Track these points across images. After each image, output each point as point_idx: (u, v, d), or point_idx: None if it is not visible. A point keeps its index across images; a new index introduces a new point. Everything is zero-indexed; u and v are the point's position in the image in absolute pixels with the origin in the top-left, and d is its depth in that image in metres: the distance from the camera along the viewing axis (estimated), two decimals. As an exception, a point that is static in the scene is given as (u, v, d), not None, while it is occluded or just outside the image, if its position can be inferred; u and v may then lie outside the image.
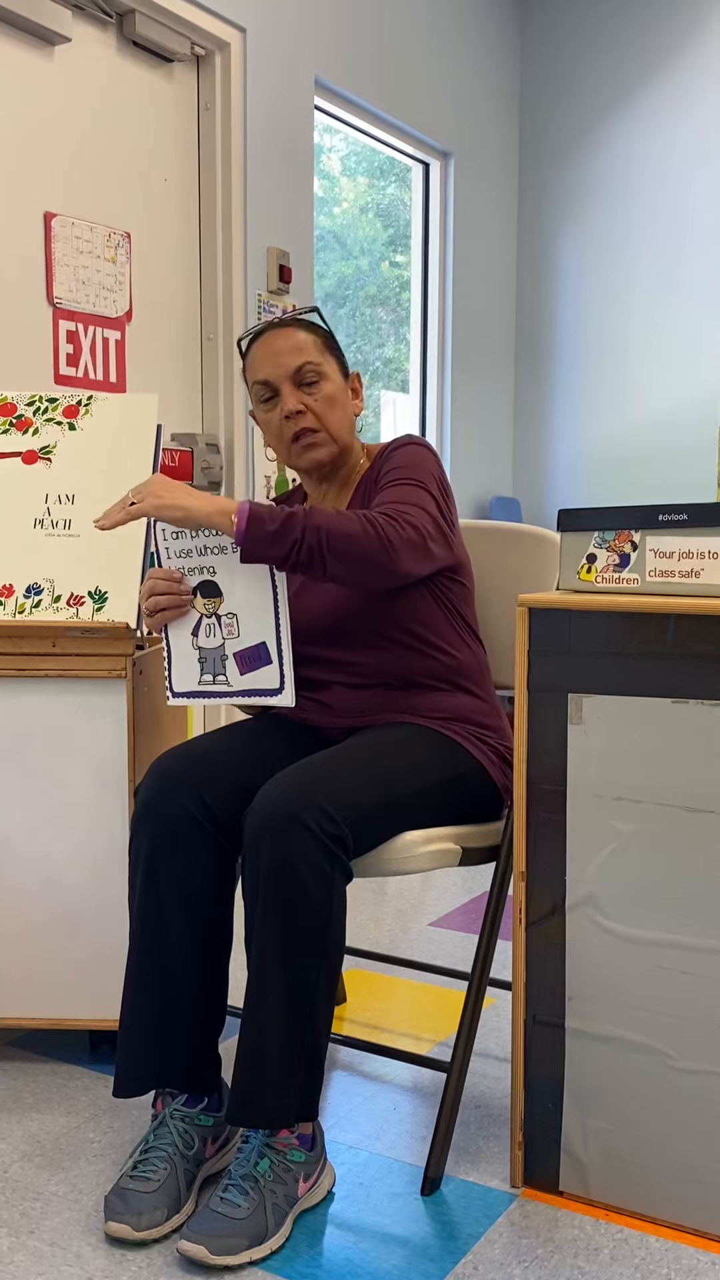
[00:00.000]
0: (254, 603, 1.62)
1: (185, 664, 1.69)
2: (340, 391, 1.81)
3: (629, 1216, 1.56)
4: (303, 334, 1.79)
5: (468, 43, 4.70)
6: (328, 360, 1.80)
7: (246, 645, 1.63)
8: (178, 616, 1.68)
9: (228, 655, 1.65)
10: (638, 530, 1.51)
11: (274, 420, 1.79)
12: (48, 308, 3.12)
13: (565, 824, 1.55)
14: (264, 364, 1.78)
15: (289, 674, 1.61)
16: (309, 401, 1.77)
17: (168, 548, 1.68)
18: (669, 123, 4.75)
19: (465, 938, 2.63)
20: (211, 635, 1.66)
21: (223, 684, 1.66)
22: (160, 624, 1.70)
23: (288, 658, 1.61)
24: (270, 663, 1.62)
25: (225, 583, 1.64)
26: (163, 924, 1.59)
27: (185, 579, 1.67)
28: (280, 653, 1.61)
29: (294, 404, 1.76)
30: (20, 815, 1.90)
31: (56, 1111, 1.83)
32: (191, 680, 1.68)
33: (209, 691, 1.67)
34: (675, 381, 4.81)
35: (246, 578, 1.63)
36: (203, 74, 3.58)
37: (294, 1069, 1.49)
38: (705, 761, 1.46)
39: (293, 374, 1.76)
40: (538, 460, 5.20)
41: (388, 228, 4.64)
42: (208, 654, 1.67)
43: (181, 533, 1.65)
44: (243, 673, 1.64)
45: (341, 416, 1.81)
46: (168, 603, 1.67)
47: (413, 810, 1.64)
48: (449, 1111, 1.65)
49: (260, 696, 1.63)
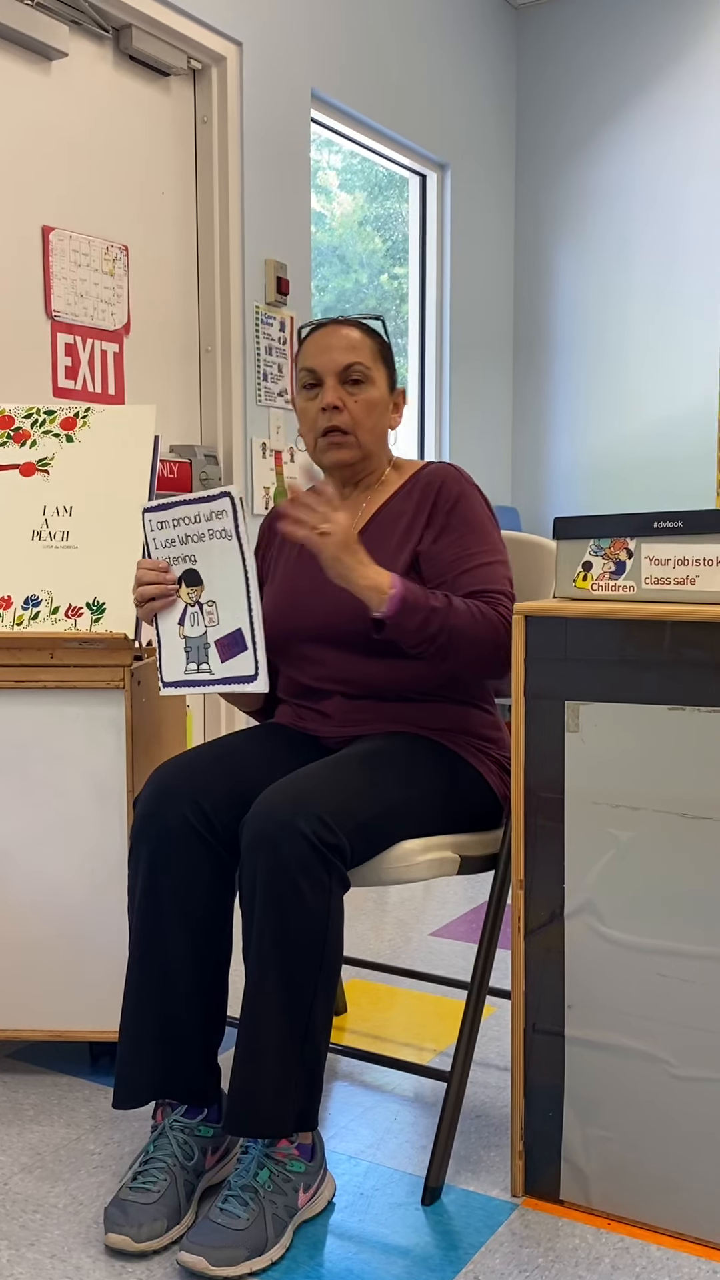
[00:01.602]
0: (229, 589, 1.64)
1: (173, 654, 1.70)
2: (382, 401, 1.82)
3: (630, 1225, 1.56)
4: (361, 336, 1.82)
5: (464, 54, 4.73)
6: (378, 368, 1.82)
7: (225, 632, 1.65)
8: (165, 606, 1.70)
9: (210, 643, 1.66)
10: (633, 538, 1.52)
11: (310, 410, 1.82)
12: (46, 321, 3.14)
13: (563, 832, 1.55)
14: (316, 354, 1.80)
15: (263, 660, 1.62)
16: (349, 401, 1.79)
17: (154, 538, 1.69)
18: (665, 134, 4.77)
19: (466, 947, 2.62)
20: (195, 624, 1.67)
21: (205, 672, 1.67)
22: (150, 614, 1.72)
23: (260, 643, 1.61)
24: (246, 649, 1.62)
25: (205, 570, 1.66)
26: (162, 934, 1.59)
27: (171, 568, 1.69)
28: (254, 638, 1.61)
29: (333, 398, 1.78)
30: (19, 826, 1.90)
31: (56, 1123, 1.83)
32: (178, 670, 1.70)
33: (194, 680, 1.68)
34: (671, 391, 4.83)
35: (221, 565, 1.64)
36: (199, 88, 3.60)
37: (292, 1078, 1.49)
38: (702, 768, 1.46)
39: (340, 370, 1.78)
40: (536, 469, 5.21)
41: (386, 241, 4.65)
42: (193, 643, 1.68)
43: (166, 522, 1.67)
44: (223, 660, 1.65)
45: (375, 425, 1.82)
46: (154, 592, 1.69)
47: (411, 819, 1.64)
48: (449, 1121, 1.64)
49: (238, 684, 1.64)
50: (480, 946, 1.71)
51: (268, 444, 3.77)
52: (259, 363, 3.73)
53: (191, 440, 3.66)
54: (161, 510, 1.67)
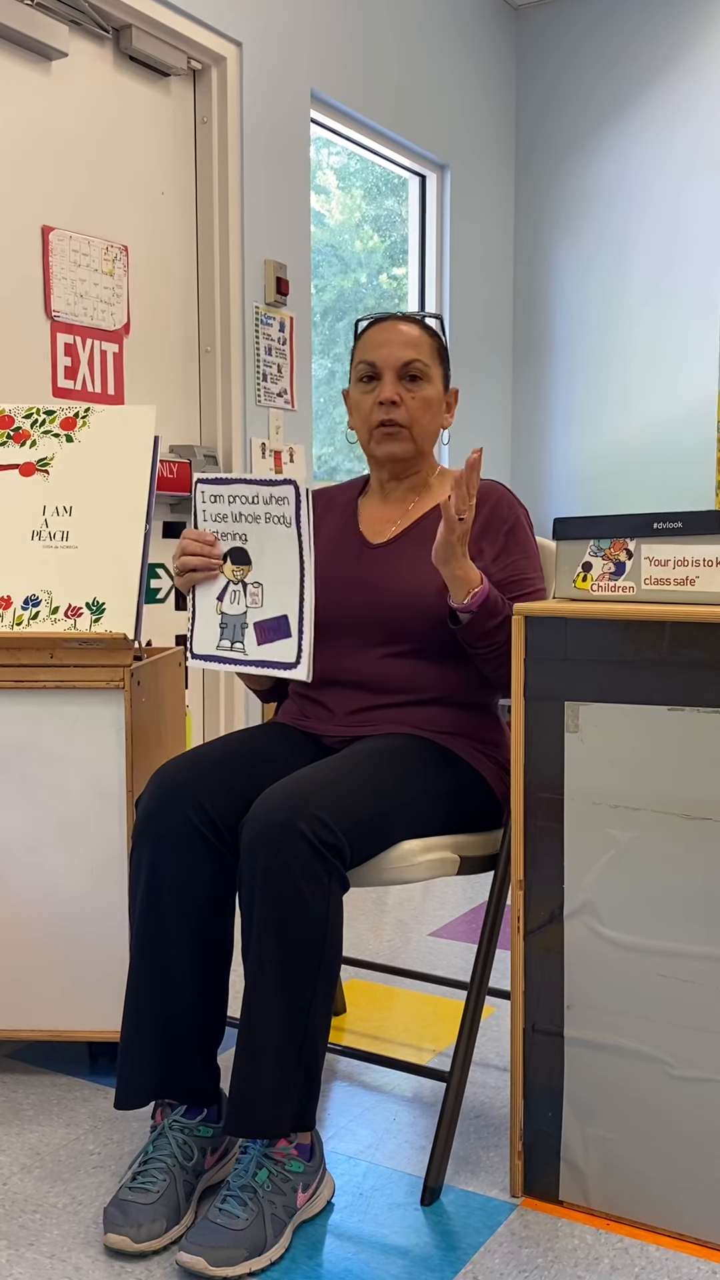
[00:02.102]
0: (281, 575, 1.63)
1: (207, 627, 1.70)
2: (437, 399, 1.85)
3: (629, 1226, 1.56)
4: (421, 333, 1.84)
5: (464, 55, 4.73)
6: (436, 366, 1.85)
7: (268, 616, 1.64)
8: (206, 579, 1.70)
9: (248, 624, 1.66)
10: (633, 538, 1.52)
11: (366, 403, 1.83)
12: (46, 321, 3.13)
13: (563, 832, 1.55)
14: (377, 347, 1.82)
15: (307, 650, 1.61)
16: (406, 397, 1.81)
17: (204, 510, 1.69)
18: (664, 134, 4.77)
19: (465, 947, 2.62)
20: (236, 602, 1.67)
21: (239, 652, 1.67)
22: (189, 584, 1.71)
23: (308, 634, 1.61)
24: (289, 636, 1.62)
25: (255, 551, 1.65)
26: (164, 934, 1.59)
27: (218, 543, 1.68)
28: (301, 628, 1.61)
29: (391, 393, 1.80)
30: (19, 826, 1.90)
31: (56, 1123, 1.83)
32: (210, 644, 1.69)
33: (225, 657, 1.68)
34: (671, 391, 4.83)
35: (276, 549, 1.63)
36: (199, 88, 3.60)
37: (290, 1078, 1.49)
38: (702, 768, 1.46)
39: (400, 365, 1.81)
40: (535, 470, 5.21)
41: (385, 240, 4.65)
42: (229, 620, 1.68)
43: (221, 497, 1.66)
44: (260, 643, 1.65)
45: (430, 422, 1.85)
46: (197, 564, 1.69)
47: (410, 820, 1.64)
48: (448, 1121, 1.64)
49: (274, 669, 1.64)
50: (480, 947, 1.71)
51: (267, 444, 3.77)
52: (259, 363, 3.73)
53: (191, 440, 3.66)
54: (218, 484, 1.66)
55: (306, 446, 3.94)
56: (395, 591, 1.77)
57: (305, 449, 3.93)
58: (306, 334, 3.92)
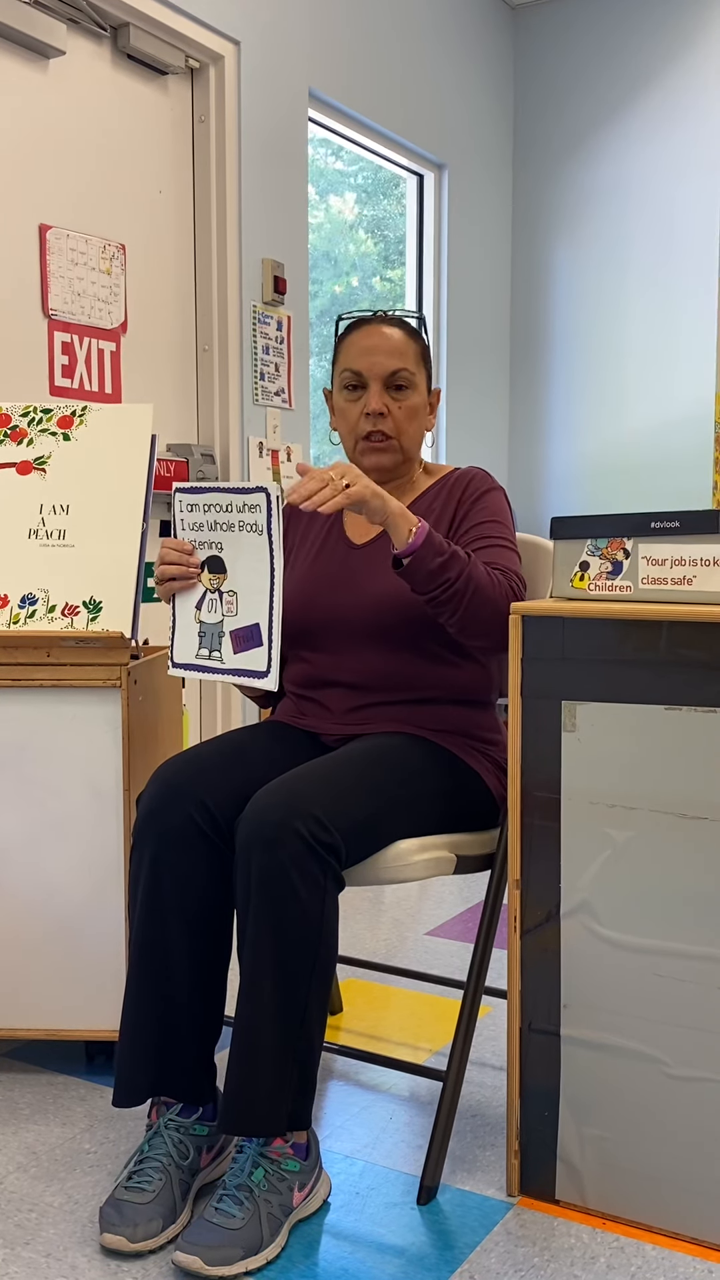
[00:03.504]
0: (253, 584, 1.63)
1: (186, 636, 1.70)
2: (422, 405, 1.85)
3: (625, 1225, 1.56)
4: (405, 338, 1.82)
5: (462, 54, 4.73)
6: (420, 372, 1.84)
7: (242, 624, 1.64)
8: (185, 588, 1.69)
9: (224, 632, 1.66)
10: (630, 538, 1.52)
11: (352, 412, 1.83)
12: (43, 320, 3.13)
13: (559, 831, 1.55)
14: (361, 355, 1.81)
15: (275, 659, 1.61)
16: (393, 407, 1.81)
17: (183, 519, 1.69)
18: (662, 134, 4.77)
19: (462, 947, 2.62)
20: (213, 610, 1.67)
21: (216, 660, 1.67)
22: (168, 593, 1.71)
23: (277, 643, 1.61)
24: (261, 645, 1.62)
25: (230, 560, 1.65)
26: (164, 931, 1.59)
27: (195, 552, 1.68)
28: (271, 637, 1.61)
29: (378, 404, 1.79)
30: (16, 825, 1.90)
31: (52, 1122, 1.83)
32: (190, 653, 1.69)
33: (204, 666, 1.68)
34: (669, 392, 4.83)
35: (249, 559, 1.63)
36: (197, 86, 3.60)
37: (285, 1077, 1.48)
38: (699, 768, 1.46)
39: (387, 376, 1.80)
40: (532, 469, 5.21)
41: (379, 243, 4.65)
42: (207, 628, 1.68)
43: (197, 506, 1.66)
44: (235, 651, 1.65)
45: (416, 430, 1.85)
46: (175, 573, 1.68)
47: (407, 819, 1.64)
48: (445, 1120, 1.64)
49: (247, 677, 1.64)
50: (476, 946, 1.71)
51: (264, 443, 3.77)
52: (256, 362, 3.73)
53: (188, 439, 3.66)
54: (194, 493, 1.66)
55: (304, 445, 3.94)
56: (378, 590, 1.77)
57: (303, 448, 3.93)
58: (304, 333, 3.92)
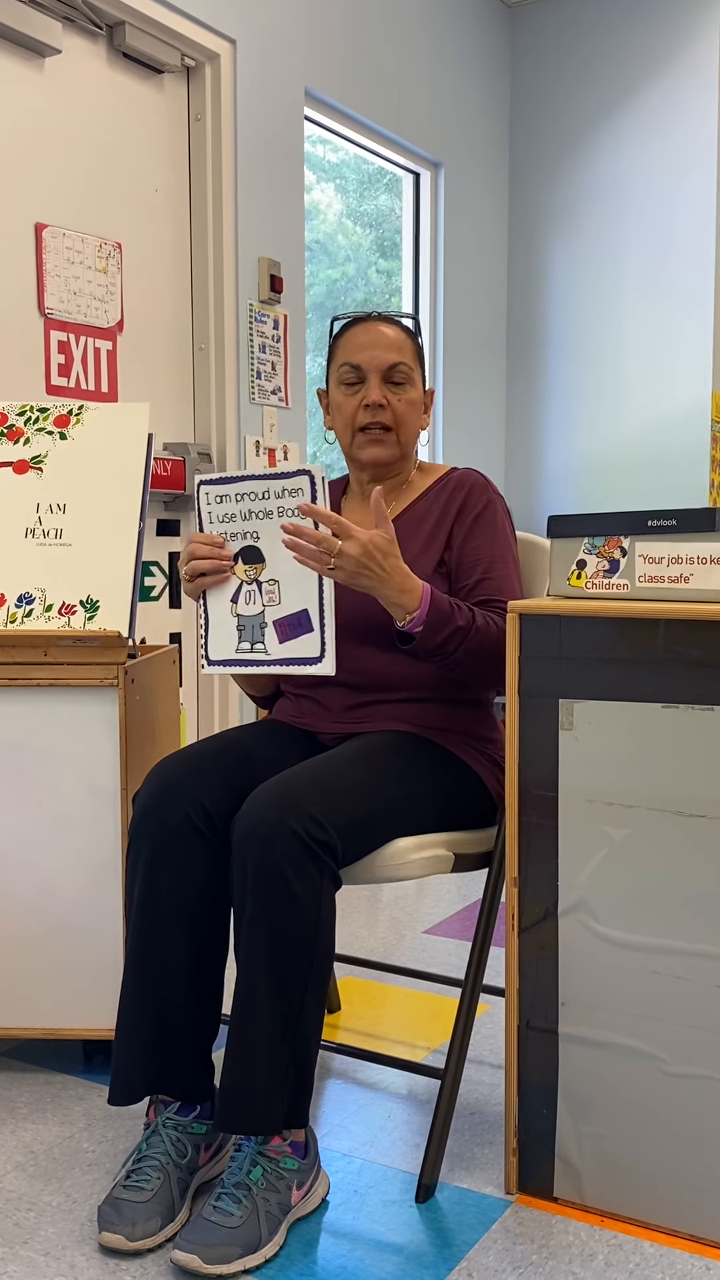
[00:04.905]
0: (297, 569, 1.60)
1: (222, 632, 1.66)
2: (419, 402, 1.86)
3: (623, 1222, 1.56)
4: (402, 336, 1.84)
5: (458, 53, 4.73)
6: (417, 369, 1.85)
7: (288, 612, 1.61)
8: (218, 583, 1.66)
9: (267, 623, 1.63)
10: (627, 536, 1.52)
11: (349, 405, 1.83)
12: (39, 318, 3.13)
13: (557, 829, 1.55)
14: (361, 349, 1.81)
15: (330, 642, 1.59)
16: (392, 399, 1.82)
17: (210, 511, 1.65)
18: (658, 134, 4.77)
19: (459, 945, 2.63)
20: (251, 602, 1.63)
21: (260, 652, 1.63)
22: (198, 590, 1.68)
23: (330, 626, 1.59)
24: (311, 630, 1.60)
25: (268, 548, 1.62)
26: (160, 929, 1.59)
27: (227, 544, 1.65)
28: (323, 620, 1.59)
29: (378, 396, 1.80)
30: (13, 824, 1.90)
31: (50, 1121, 1.83)
32: (228, 648, 1.66)
33: (246, 660, 1.64)
34: (664, 389, 4.83)
35: None
36: (193, 85, 3.60)
37: (282, 1075, 1.49)
38: (696, 766, 1.46)
39: (386, 369, 1.81)
40: (529, 468, 5.21)
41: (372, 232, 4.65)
42: (246, 621, 1.64)
43: (227, 496, 1.63)
44: (281, 640, 1.62)
45: (413, 425, 1.86)
46: (208, 568, 1.65)
47: (404, 817, 1.64)
48: (443, 1118, 1.65)
49: (299, 665, 1.61)
50: (474, 944, 1.71)
51: (261, 441, 3.77)
52: (253, 360, 3.73)
53: (185, 438, 3.66)
54: (222, 484, 1.63)
55: (300, 444, 3.94)
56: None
57: (299, 446, 3.93)
58: (300, 331, 3.92)
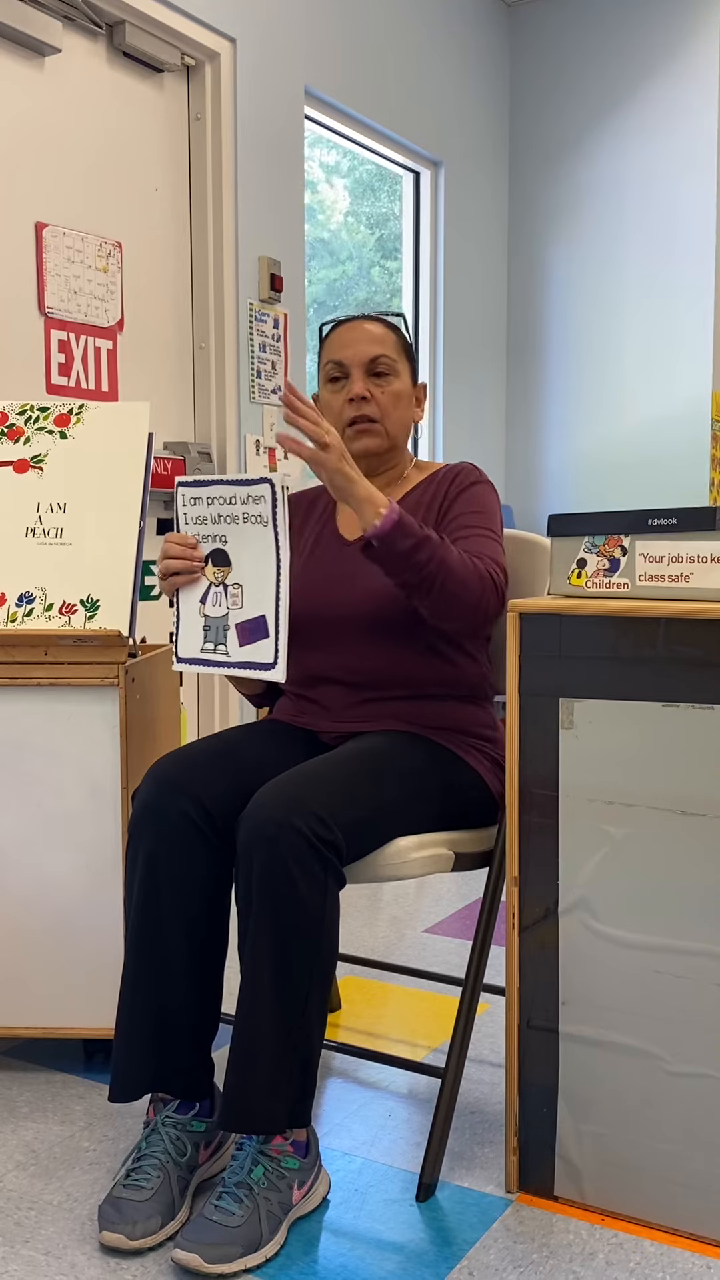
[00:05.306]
0: (258, 575, 1.62)
1: (191, 630, 1.69)
2: (406, 393, 1.87)
3: (624, 1221, 1.56)
4: (385, 330, 1.86)
5: (458, 52, 4.72)
6: (402, 362, 1.87)
7: (248, 617, 1.63)
8: (189, 582, 1.69)
9: (230, 625, 1.65)
10: (627, 535, 1.52)
11: (336, 401, 1.84)
12: (39, 317, 3.13)
13: (557, 828, 1.55)
14: (343, 346, 1.84)
15: (283, 650, 1.60)
16: (376, 392, 1.83)
17: (185, 513, 1.68)
18: (658, 132, 4.77)
19: (460, 944, 2.63)
20: (218, 604, 1.66)
21: (222, 654, 1.65)
22: (172, 588, 1.71)
23: (284, 634, 1.60)
24: (267, 636, 1.61)
25: (235, 552, 1.64)
26: (160, 927, 1.59)
27: (199, 545, 1.67)
28: (277, 628, 1.60)
29: (361, 389, 1.82)
30: (13, 823, 1.90)
31: (51, 1120, 1.83)
32: (194, 647, 1.68)
33: (209, 660, 1.67)
34: (665, 389, 4.83)
35: (254, 550, 1.62)
36: (193, 84, 3.59)
37: (286, 1075, 1.49)
38: (697, 765, 1.46)
39: (367, 362, 1.82)
40: (529, 467, 5.21)
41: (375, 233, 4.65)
42: (212, 622, 1.66)
43: (200, 499, 1.65)
44: (242, 644, 1.64)
45: (401, 416, 1.87)
46: (179, 567, 1.68)
47: (406, 816, 1.64)
48: (444, 1117, 1.65)
49: (254, 670, 1.63)
50: (474, 943, 1.71)
51: (261, 441, 3.77)
52: (253, 359, 3.73)
53: (185, 437, 3.66)
54: (197, 486, 1.66)
55: (301, 443, 3.93)
56: (372, 586, 1.77)
57: (299, 446, 3.92)
58: (301, 330, 3.92)
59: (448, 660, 1.78)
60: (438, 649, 1.77)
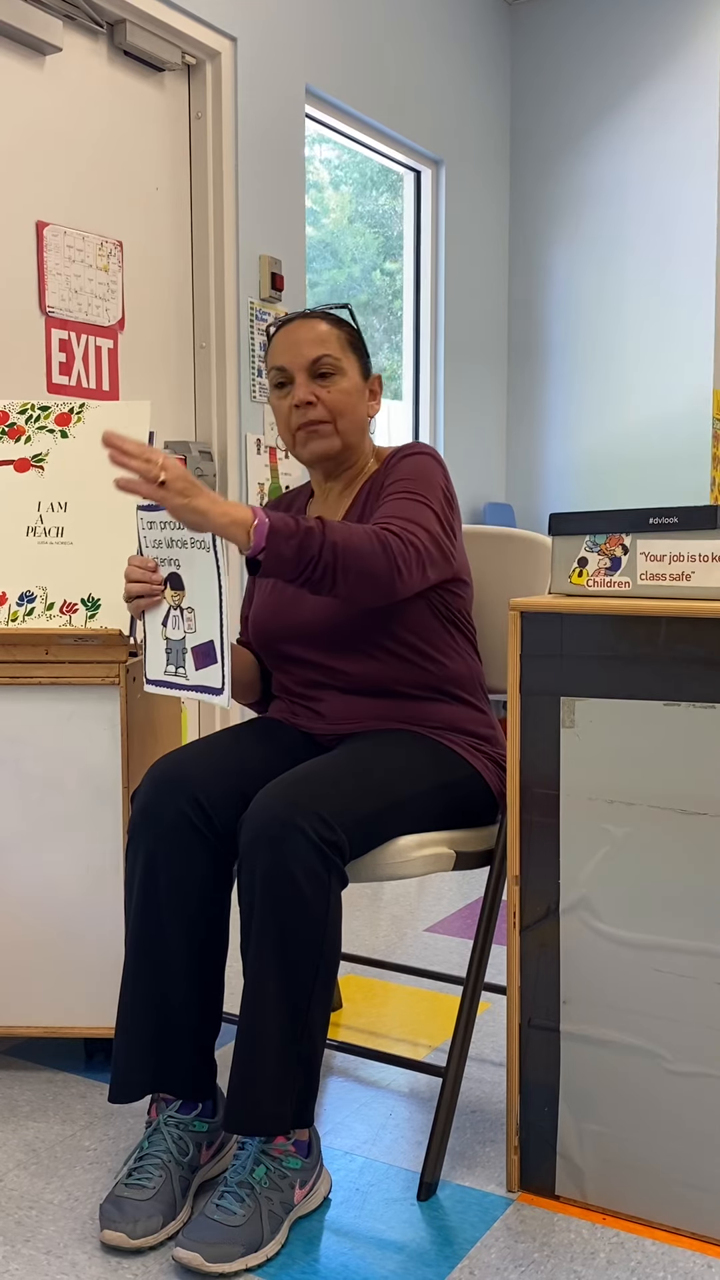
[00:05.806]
0: (206, 600, 1.61)
1: (156, 653, 1.69)
2: (356, 390, 1.80)
3: (625, 1220, 1.56)
4: (328, 327, 1.80)
5: (458, 51, 4.72)
6: (348, 357, 1.80)
7: (201, 641, 1.63)
8: (151, 605, 1.67)
9: (187, 649, 1.65)
10: (628, 534, 1.52)
11: (284, 408, 1.80)
12: (40, 317, 3.13)
13: (558, 827, 1.55)
14: (283, 351, 1.79)
15: (228, 675, 1.59)
16: (321, 394, 1.77)
17: (145, 536, 1.67)
18: (659, 131, 4.77)
19: (461, 943, 2.63)
20: (177, 627, 1.65)
21: (181, 677, 1.65)
22: (137, 610, 1.69)
23: (228, 658, 1.59)
24: (215, 661, 1.61)
25: (186, 577, 1.63)
26: (159, 928, 1.59)
27: (159, 569, 1.67)
28: (222, 652, 1.59)
29: (305, 394, 1.76)
30: (14, 822, 1.90)
31: (52, 1119, 1.83)
32: (159, 669, 1.68)
33: (172, 682, 1.66)
34: (665, 387, 4.83)
35: (201, 575, 1.61)
36: (194, 83, 3.59)
37: (290, 1076, 1.48)
38: (697, 764, 1.46)
39: (309, 364, 1.77)
40: (530, 466, 5.21)
41: (378, 236, 4.65)
42: (173, 645, 1.66)
43: (155, 523, 1.64)
44: (197, 668, 1.63)
45: (354, 415, 1.80)
46: (140, 590, 1.65)
47: (407, 815, 1.64)
48: (445, 1117, 1.65)
49: (206, 694, 1.62)
50: (475, 942, 1.71)
51: (262, 440, 3.77)
52: (253, 358, 3.73)
53: (186, 436, 3.66)
54: (152, 510, 1.64)
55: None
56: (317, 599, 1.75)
57: (300, 445, 3.93)
58: (301, 330, 3.91)
59: (432, 659, 1.77)
60: (419, 648, 1.76)
